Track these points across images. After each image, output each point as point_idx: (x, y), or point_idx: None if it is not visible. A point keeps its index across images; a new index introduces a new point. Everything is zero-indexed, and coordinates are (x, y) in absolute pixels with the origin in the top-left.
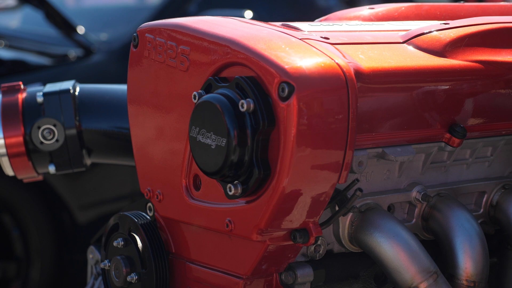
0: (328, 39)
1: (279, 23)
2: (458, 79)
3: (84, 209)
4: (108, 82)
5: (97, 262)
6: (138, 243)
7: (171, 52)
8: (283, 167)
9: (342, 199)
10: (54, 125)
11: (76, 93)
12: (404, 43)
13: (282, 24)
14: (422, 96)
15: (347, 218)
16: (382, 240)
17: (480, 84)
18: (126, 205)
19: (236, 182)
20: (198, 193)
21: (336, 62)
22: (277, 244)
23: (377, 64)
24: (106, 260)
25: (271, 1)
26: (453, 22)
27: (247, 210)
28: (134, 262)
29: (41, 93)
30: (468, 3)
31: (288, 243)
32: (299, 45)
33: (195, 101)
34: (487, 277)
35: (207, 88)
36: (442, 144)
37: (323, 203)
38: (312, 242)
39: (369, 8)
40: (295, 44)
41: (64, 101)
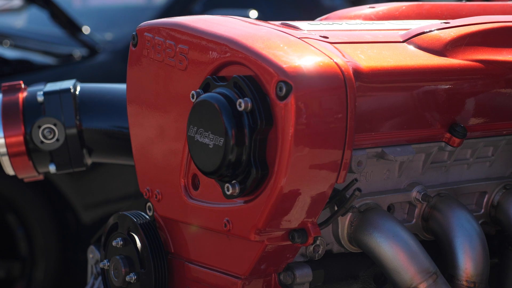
0: (327, 38)
1: (278, 22)
2: (459, 79)
3: (88, 209)
4: (112, 82)
5: (97, 261)
6: (137, 243)
7: (169, 51)
8: (281, 167)
9: (341, 199)
10: (55, 125)
11: (77, 92)
12: (404, 42)
13: (282, 23)
14: (422, 96)
15: (347, 218)
16: (382, 240)
17: (480, 84)
18: (129, 205)
19: (234, 181)
20: (196, 192)
21: (334, 61)
22: (276, 244)
23: (376, 63)
24: (105, 260)
25: (276, 0)
26: (454, 21)
27: (245, 210)
28: (133, 262)
29: (42, 93)
30: (470, 2)
31: (286, 243)
32: (297, 44)
33: (193, 100)
34: (488, 278)
35: (205, 87)
36: (442, 144)
37: (321, 203)
38: (311, 242)
39: (370, 7)
40: (294, 43)
41: (64, 100)
